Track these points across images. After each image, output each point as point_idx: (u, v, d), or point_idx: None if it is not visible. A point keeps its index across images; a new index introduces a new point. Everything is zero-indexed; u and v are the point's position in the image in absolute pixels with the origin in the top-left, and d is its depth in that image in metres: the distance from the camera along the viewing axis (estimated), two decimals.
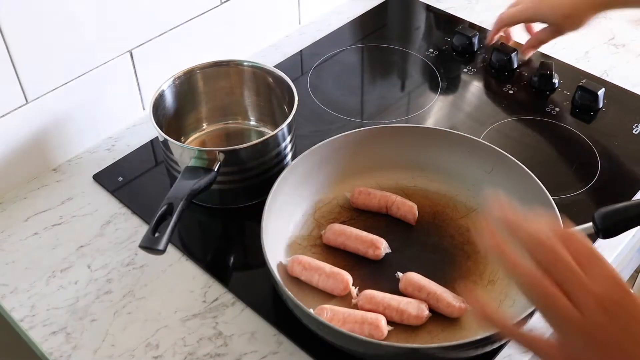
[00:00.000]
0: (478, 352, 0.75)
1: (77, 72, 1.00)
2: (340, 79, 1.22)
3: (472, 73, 1.23)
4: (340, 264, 0.86)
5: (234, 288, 0.87)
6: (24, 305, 0.86)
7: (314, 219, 0.93)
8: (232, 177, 0.93)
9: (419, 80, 1.23)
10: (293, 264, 0.84)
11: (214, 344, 0.81)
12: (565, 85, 1.18)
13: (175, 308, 0.85)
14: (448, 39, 1.29)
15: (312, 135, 1.05)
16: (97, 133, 1.08)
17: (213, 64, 1.02)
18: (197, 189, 0.86)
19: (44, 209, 0.98)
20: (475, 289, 0.84)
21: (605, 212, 0.79)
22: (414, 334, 0.80)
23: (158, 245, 0.79)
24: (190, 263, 0.91)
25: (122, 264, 0.90)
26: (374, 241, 0.87)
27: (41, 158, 1.02)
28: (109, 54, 1.02)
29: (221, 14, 1.16)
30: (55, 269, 0.90)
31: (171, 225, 0.80)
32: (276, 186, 0.87)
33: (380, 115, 1.14)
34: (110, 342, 0.82)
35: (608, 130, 1.09)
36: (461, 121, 1.12)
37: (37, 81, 0.95)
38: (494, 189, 0.93)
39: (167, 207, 0.82)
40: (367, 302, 0.81)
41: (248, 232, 0.94)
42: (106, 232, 0.95)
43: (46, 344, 0.82)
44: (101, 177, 1.03)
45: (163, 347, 0.81)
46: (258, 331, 0.83)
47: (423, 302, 0.80)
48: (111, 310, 0.85)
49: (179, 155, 0.92)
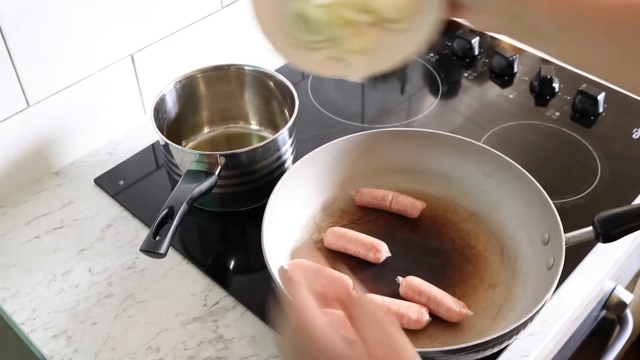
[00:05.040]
0: (479, 356, 0.75)
1: (79, 76, 1.00)
2: (340, 83, 1.23)
3: (473, 77, 1.23)
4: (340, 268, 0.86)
5: (235, 291, 0.87)
6: (25, 308, 0.86)
7: (314, 223, 0.93)
8: (233, 180, 0.93)
9: (420, 85, 1.23)
10: (294, 268, 0.84)
11: (214, 347, 0.82)
12: (565, 89, 1.18)
13: (176, 311, 0.85)
14: (448, 44, 1.30)
15: (312, 139, 1.05)
16: (98, 137, 1.08)
17: (214, 67, 1.03)
18: (198, 193, 0.86)
19: (45, 213, 0.98)
20: (475, 293, 0.84)
21: (605, 217, 0.80)
22: (414, 338, 0.80)
23: (159, 249, 0.79)
24: (191, 266, 0.91)
25: (123, 268, 0.91)
26: (374, 244, 0.87)
27: (42, 162, 1.02)
28: (110, 57, 1.03)
29: (222, 18, 1.16)
30: (56, 273, 0.90)
31: (172, 229, 0.80)
32: (277, 190, 0.88)
33: (381, 120, 1.14)
34: (111, 346, 0.82)
35: (608, 135, 1.09)
36: (461, 125, 1.12)
37: (38, 85, 0.96)
38: (494, 192, 0.93)
39: (168, 210, 0.82)
40: None
41: (249, 235, 0.94)
42: (107, 235, 0.95)
43: (47, 347, 0.82)
44: (102, 180, 1.03)
45: (164, 351, 0.81)
46: (258, 335, 0.83)
47: (423, 306, 0.81)
48: (112, 314, 0.85)
49: (179, 159, 0.92)
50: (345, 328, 0.53)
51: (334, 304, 0.56)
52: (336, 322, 0.53)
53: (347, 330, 0.53)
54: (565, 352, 1.11)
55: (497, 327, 0.79)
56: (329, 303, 0.56)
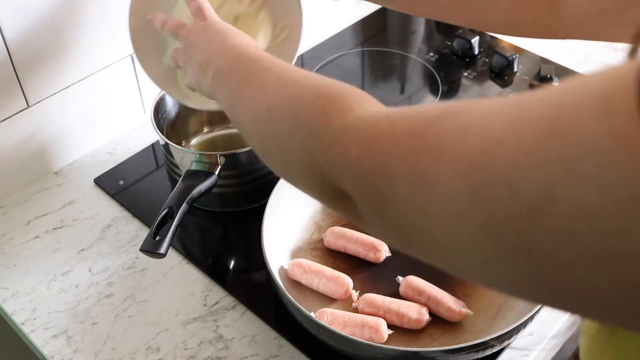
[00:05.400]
0: (479, 356, 0.75)
1: (78, 75, 1.00)
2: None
3: (473, 77, 1.23)
4: (341, 267, 0.86)
5: (235, 291, 0.87)
6: (25, 308, 0.86)
7: (314, 222, 0.93)
8: (233, 180, 0.93)
9: (419, 84, 1.23)
10: (294, 268, 0.84)
11: (214, 347, 0.82)
12: None
13: (176, 311, 0.85)
14: (448, 43, 1.30)
15: None
16: (98, 137, 1.08)
17: None
18: (198, 193, 0.86)
19: (45, 213, 0.98)
20: (475, 292, 0.84)
21: None
22: (414, 337, 0.80)
23: (159, 249, 0.79)
24: (191, 266, 0.91)
25: (123, 268, 0.91)
26: (374, 244, 0.87)
27: (42, 161, 1.02)
28: (110, 57, 1.02)
29: None
30: (56, 273, 0.90)
31: (172, 229, 0.81)
32: (277, 190, 0.88)
33: None
34: (111, 346, 0.82)
35: None
36: None
37: (38, 85, 0.96)
38: None
39: (168, 210, 0.82)
40: (368, 306, 0.81)
41: (248, 235, 0.94)
42: (107, 235, 0.95)
43: (47, 347, 0.82)
44: (102, 180, 1.03)
45: (164, 351, 0.81)
46: (259, 334, 0.83)
47: (423, 306, 0.81)
48: (112, 314, 0.85)
49: (179, 159, 0.92)
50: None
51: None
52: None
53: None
54: (566, 351, 1.11)
55: (497, 327, 0.79)
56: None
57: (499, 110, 0.36)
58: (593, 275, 0.30)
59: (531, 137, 0.32)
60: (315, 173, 0.49)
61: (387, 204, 0.41)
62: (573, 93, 0.32)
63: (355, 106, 0.48)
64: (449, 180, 0.36)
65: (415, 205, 0.38)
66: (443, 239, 0.37)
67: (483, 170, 0.34)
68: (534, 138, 0.32)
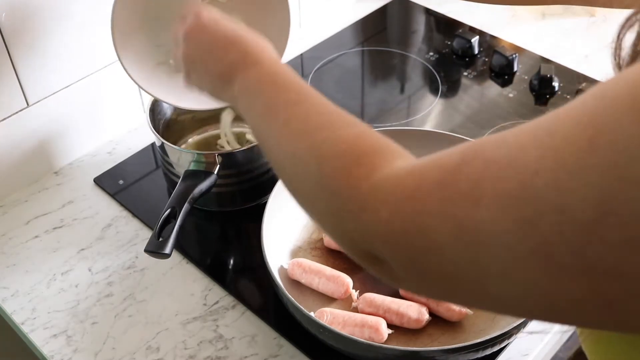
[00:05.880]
0: (478, 355, 0.75)
1: (78, 75, 1.00)
2: (340, 82, 1.23)
3: (472, 76, 1.23)
4: (341, 267, 0.86)
5: (235, 291, 0.87)
6: (25, 308, 0.86)
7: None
8: (230, 180, 0.93)
9: (419, 84, 1.23)
10: (293, 267, 0.84)
11: (214, 347, 0.82)
12: (565, 88, 1.18)
13: (175, 311, 0.85)
14: (448, 43, 1.30)
15: None
16: (98, 136, 1.08)
17: None
18: (199, 193, 0.86)
19: (45, 212, 0.98)
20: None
21: None
22: (414, 337, 0.80)
23: (164, 249, 0.79)
24: (191, 266, 0.91)
25: (123, 267, 0.91)
26: None
27: (42, 161, 1.02)
28: (110, 57, 1.02)
29: None
30: (56, 272, 0.90)
31: (176, 229, 0.81)
32: (277, 189, 0.87)
33: (381, 119, 1.14)
34: (111, 345, 0.82)
35: None
36: (461, 124, 1.12)
37: (38, 84, 0.96)
38: None
39: (170, 211, 0.82)
40: (367, 306, 0.81)
41: (247, 234, 0.94)
42: (107, 235, 0.95)
43: (47, 347, 0.82)
44: (102, 180, 1.03)
45: (164, 350, 0.81)
46: (259, 334, 0.83)
47: (423, 305, 0.81)
48: (112, 313, 0.85)
49: (176, 159, 0.92)
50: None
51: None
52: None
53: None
54: (566, 351, 1.11)
55: (497, 326, 0.79)
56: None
57: (522, 140, 0.36)
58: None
59: (572, 157, 0.32)
60: (344, 235, 0.47)
61: (426, 261, 0.40)
62: (603, 106, 0.33)
63: (380, 164, 0.46)
64: (492, 221, 0.35)
65: (460, 255, 0.37)
66: (494, 281, 0.37)
67: (527, 202, 0.34)
68: (575, 158, 0.32)
